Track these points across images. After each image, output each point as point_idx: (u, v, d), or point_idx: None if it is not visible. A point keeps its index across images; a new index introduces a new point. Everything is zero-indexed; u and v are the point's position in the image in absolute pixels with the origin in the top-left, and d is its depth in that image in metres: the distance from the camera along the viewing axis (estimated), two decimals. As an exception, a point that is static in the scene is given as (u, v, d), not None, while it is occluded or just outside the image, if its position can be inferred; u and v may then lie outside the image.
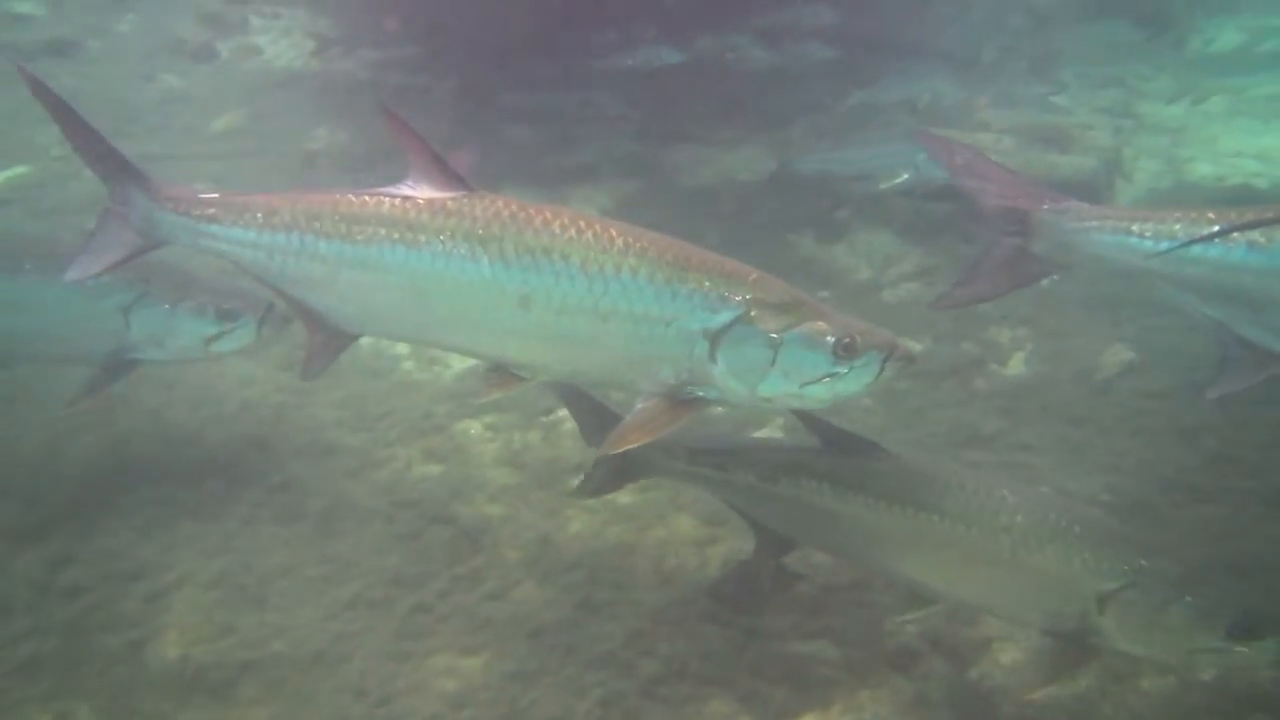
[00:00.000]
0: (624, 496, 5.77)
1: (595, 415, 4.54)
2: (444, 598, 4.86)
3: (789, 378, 3.47)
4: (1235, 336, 3.88)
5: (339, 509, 5.39)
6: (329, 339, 3.75)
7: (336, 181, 9.54)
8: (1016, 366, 7.03)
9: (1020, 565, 3.75)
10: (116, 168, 3.78)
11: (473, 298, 3.47)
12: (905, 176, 7.91)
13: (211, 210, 3.69)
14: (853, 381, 3.49)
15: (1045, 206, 4.14)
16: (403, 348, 7.03)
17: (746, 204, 9.03)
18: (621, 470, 4.56)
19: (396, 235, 3.48)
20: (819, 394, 3.50)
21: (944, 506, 3.88)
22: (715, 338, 3.43)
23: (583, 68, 9.71)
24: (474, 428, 6.22)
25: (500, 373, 3.66)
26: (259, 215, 3.63)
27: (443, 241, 3.44)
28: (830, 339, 3.43)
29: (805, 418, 4.14)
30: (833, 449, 4.18)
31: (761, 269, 3.62)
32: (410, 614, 4.74)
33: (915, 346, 3.59)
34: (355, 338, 3.79)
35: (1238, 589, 3.72)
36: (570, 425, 6.41)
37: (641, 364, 3.52)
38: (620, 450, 3.48)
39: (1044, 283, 7.97)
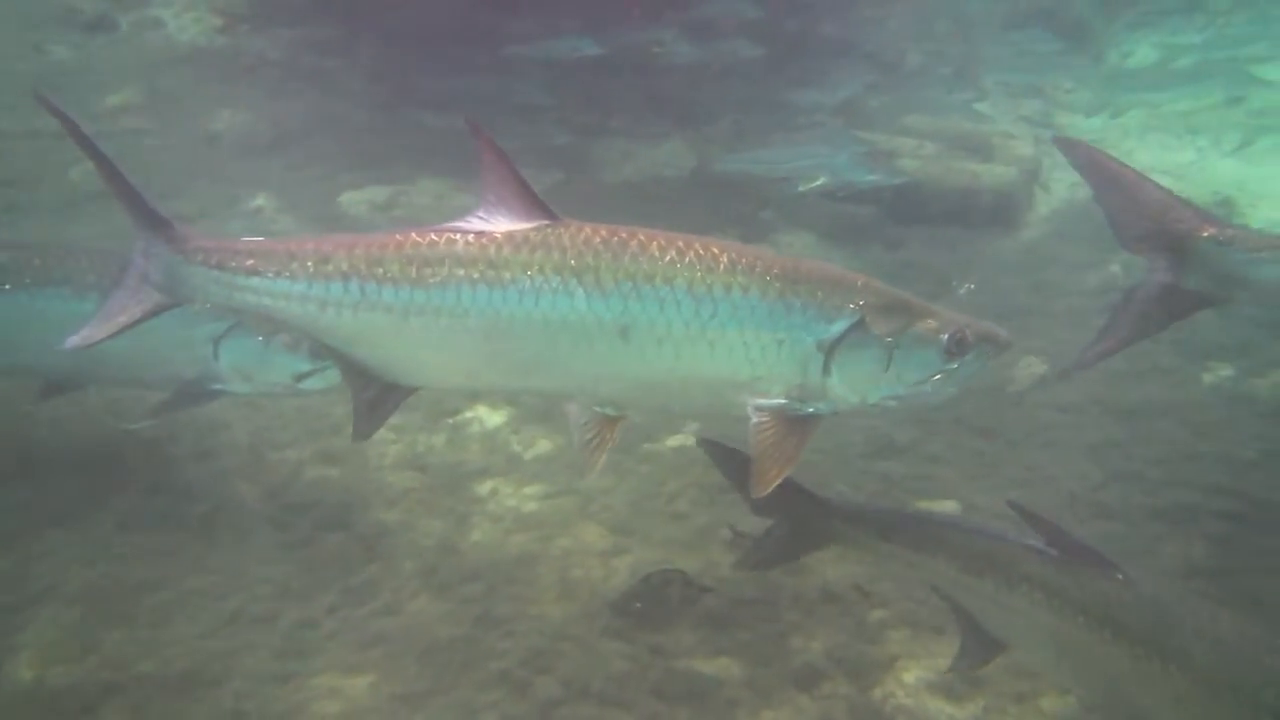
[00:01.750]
0: (530, 503, 5.59)
1: (729, 458, 4.13)
2: (333, 612, 4.61)
3: (902, 380, 3.37)
4: None
5: (223, 515, 5.09)
6: (381, 396, 3.42)
7: (240, 165, 9.13)
8: (931, 376, 7.01)
9: None
10: (140, 214, 3.38)
11: (566, 335, 3.22)
12: (822, 180, 7.84)
13: (250, 261, 3.29)
14: (963, 377, 3.42)
15: (1206, 233, 3.73)
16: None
17: (672, 201, 8.89)
18: (798, 536, 4.19)
19: (477, 275, 3.20)
20: (930, 393, 3.41)
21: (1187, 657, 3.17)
22: (831, 349, 3.29)
23: (506, 56, 9.43)
24: (374, 429, 5.94)
25: (595, 425, 3.38)
26: (309, 264, 3.26)
27: (530, 277, 3.18)
28: (944, 336, 3.35)
29: (1031, 518, 3.62)
30: (1058, 553, 3.58)
31: None
32: (295, 630, 4.48)
33: (1007, 334, 3.60)
34: (412, 391, 3.47)
35: None
36: (478, 428, 6.21)
37: (749, 387, 3.32)
38: (770, 489, 3.23)
39: (960, 291, 8.05)
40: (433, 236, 3.26)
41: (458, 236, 3.25)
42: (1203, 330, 6.74)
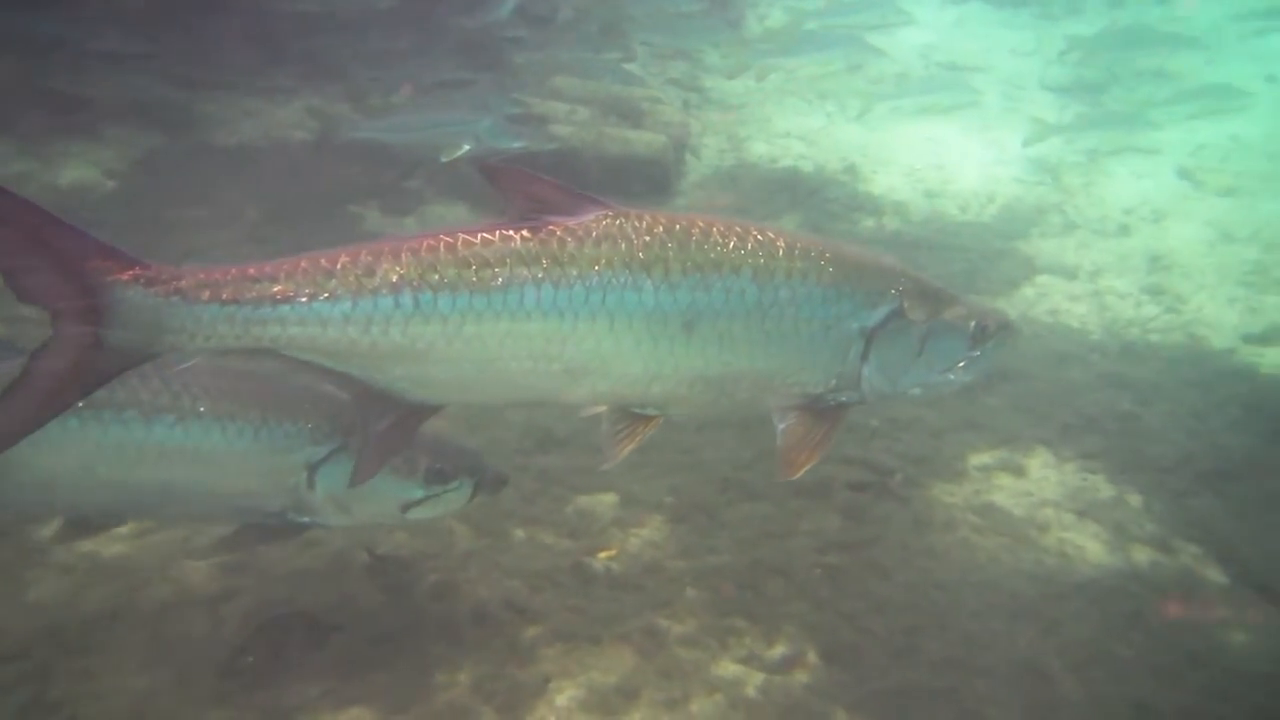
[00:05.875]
0: (115, 545, 4.63)
1: None
2: None
3: (931, 367, 3.38)
4: None
5: None
6: (400, 421, 3.11)
7: None
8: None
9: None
10: (82, 254, 2.72)
11: (628, 334, 3.05)
12: (467, 148, 7.27)
13: (276, 289, 2.87)
14: (983, 365, 3.45)
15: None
16: None
17: (298, 168, 7.89)
18: None
19: (541, 274, 2.97)
20: (952, 381, 3.43)
21: None
22: (871, 335, 3.27)
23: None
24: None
25: (627, 421, 3.22)
26: (351, 279, 2.89)
27: (599, 272, 3.00)
28: (972, 323, 3.39)
29: None
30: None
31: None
32: None
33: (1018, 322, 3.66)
34: (434, 412, 3.18)
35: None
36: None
37: (795, 376, 3.25)
38: (798, 474, 3.22)
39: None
40: (485, 235, 3.00)
41: (513, 233, 3.01)
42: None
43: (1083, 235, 9.86)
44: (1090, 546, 5.23)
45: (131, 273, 2.77)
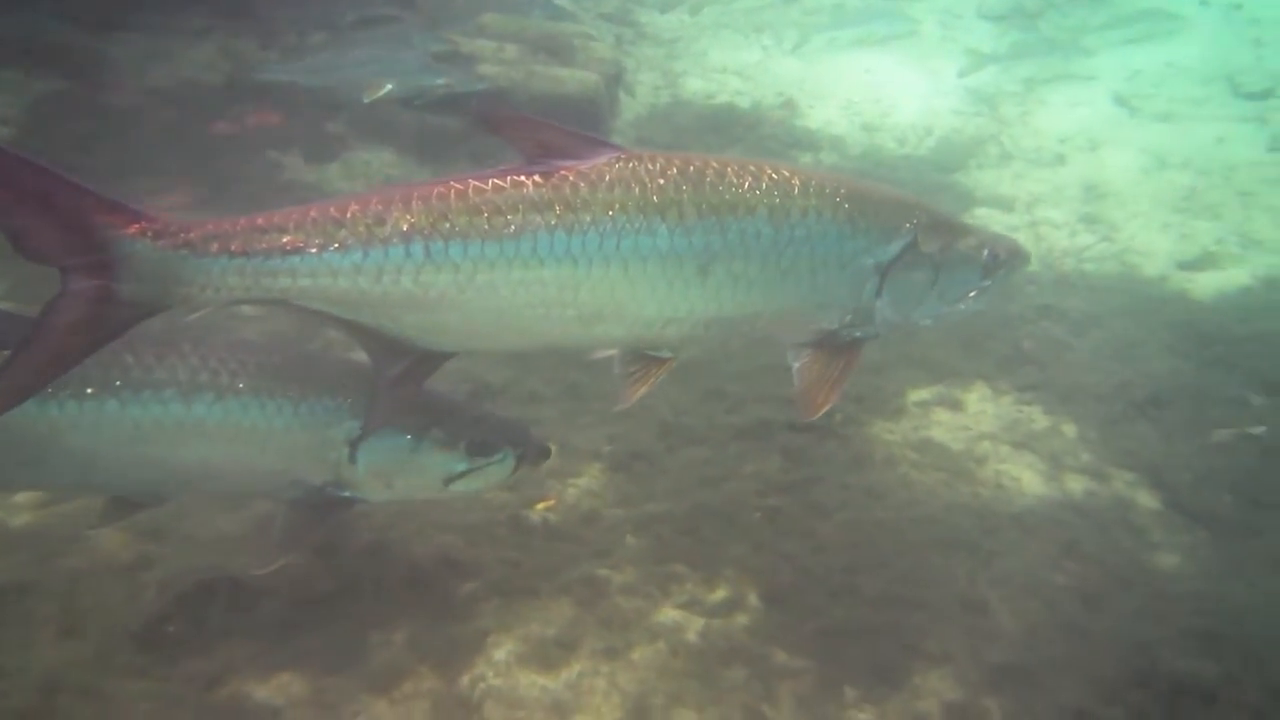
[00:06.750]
0: (22, 514, 4.43)
1: None
2: None
3: (944, 298, 3.37)
4: None
5: None
6: (411, 369, 3.11)
7: None
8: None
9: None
10: (89, 209, 2.69)
11: (643, 278, 3.01)
12: (390, 87, 6.94)
13: (286, 239, 2.84)
14: (994, 293, 3.44)
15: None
16: None
17: (211, 113, 7.50)
18: None
19: (554, 220, 2.93)
20: (963, 310, 3.42)
21: None
22: (886, 270, 3.23)
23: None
24: None
25: (640, 363, 3.18)
26: (361, 229, 2.87)
27: (612, 217, 2.95)
28: (985, 253, 3.37)
29: None
30: None
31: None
32: None
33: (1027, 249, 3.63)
34: (445, 359, 3.17)
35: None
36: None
37: (810, 315, 3.22)
38: (819, 415, 3.21)
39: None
40: (497, 181, 2.95)
41: (525, 179, 2.95)
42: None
43: (1019, 166, 9.86)
44: (1026, 478, 5.26)
45: (138, 226, 2.74)
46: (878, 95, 11.10)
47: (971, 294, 3.44)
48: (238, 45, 7.86)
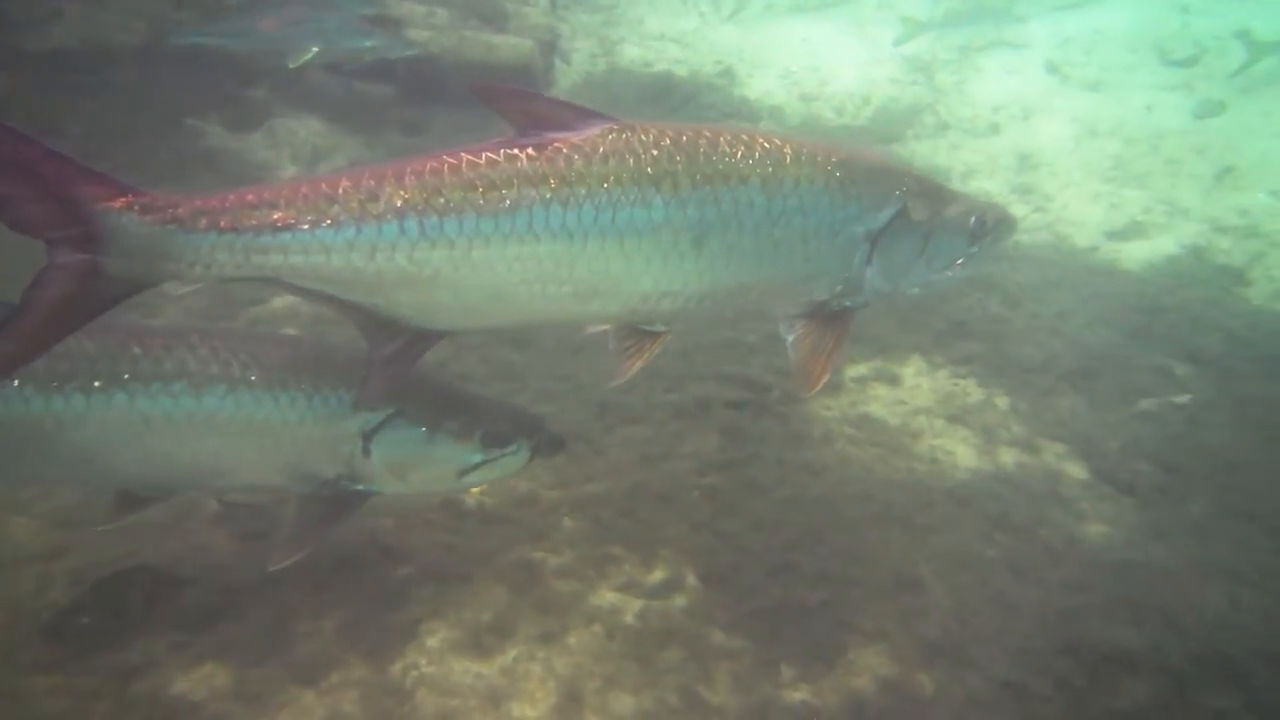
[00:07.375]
0: (-75, 507, 4.21)
1: None
2: None
3: (932, 266, 3.37)
4: None
5: None
6: (405, 348, 3.07)
7: None
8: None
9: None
10: (78, 183, 2.64)
11: (638, 252, 2.98)
12: (315, 50, 6.67)
13: (277, 215, 2.79)
14: (981, 260, 3.45)
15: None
16: None
17: (127, 78, 7.14)
18: None
19: (548, 194, 2.89)
20: (951, 277, 3.44)
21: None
22: (876, 238, 3.23)
23: None
24: None
25: (634, 336, 3.18)
26: (354, 205, 2.83)
27: (608, 190, 2.91)
28: (972, 219, 3.37)
29: None
30: None
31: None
32: None
33: (1014, 215, 3.63)
34: (440, 338, 3.12)
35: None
36: None
37: (802, 285, 3.21)
38: (818, 389, 3.23)
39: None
40: (490, 155, 2.90)
41: (519, 152, 2.90)
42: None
43: (955, 136, 9.91)
44: (960, 451, 5.32)
45: (124, 200, 2.69)
46: (816, 64, 11.07)
47: (959, 261, 3.46)
48: (149, 4, 7.46)
